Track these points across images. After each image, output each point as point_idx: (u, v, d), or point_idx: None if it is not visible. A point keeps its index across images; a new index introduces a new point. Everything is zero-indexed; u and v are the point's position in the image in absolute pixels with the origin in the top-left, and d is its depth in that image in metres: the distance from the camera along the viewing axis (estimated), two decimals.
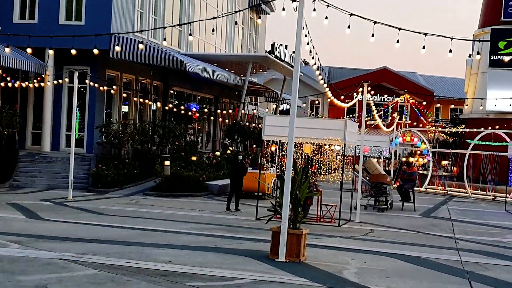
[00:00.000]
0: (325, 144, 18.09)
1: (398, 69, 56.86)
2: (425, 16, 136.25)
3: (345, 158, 17.71)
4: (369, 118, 31.60)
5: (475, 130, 33.01)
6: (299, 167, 12.30)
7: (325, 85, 18.28)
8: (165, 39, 14.99)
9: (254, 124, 35.56)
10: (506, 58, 32.44)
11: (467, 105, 41.74)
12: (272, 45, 33.06)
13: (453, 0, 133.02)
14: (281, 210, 11.16)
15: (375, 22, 13.42)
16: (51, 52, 24.81)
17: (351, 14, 13.45)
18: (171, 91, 32.67)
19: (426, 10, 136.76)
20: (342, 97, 24.63)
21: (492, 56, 37.50)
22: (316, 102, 56.24)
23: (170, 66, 26.19)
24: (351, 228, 16.32)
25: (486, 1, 40.69)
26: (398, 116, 38.94)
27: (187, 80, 32.24)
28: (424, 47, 13.81)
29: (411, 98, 41.71)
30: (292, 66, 32.40)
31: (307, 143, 17.22)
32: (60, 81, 24.91)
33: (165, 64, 26.02)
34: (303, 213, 12.09)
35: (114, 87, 26.97)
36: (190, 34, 17.97)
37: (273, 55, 32.68)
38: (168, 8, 30.86)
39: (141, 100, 29.51)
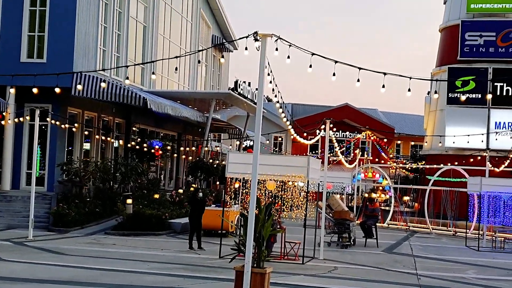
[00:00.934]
0: (288, 181, 18.16)
1: (360, 105, 57.78)
2: (386, 54, 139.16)
3: (308, 194, 17.79)
4: (331, 154, 31.91)
5: (435, 166, 33.55)
6: (263, 204, 12.32)
7: (288, 122, 18.46)
8: (127, 78, 14.96)
9: (217, 161, 35.56)
10: (463, 97, 33.22)
11: (426, 142, 42.46)
12: (236, 82, 33.30)
13: (412, 39, 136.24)
14: (244, 249, 11.13)
15: (336, 62, 13.66)
16: (12, 90, 24.54)
17: (313, 54, 13.67)
18: (134, 128, 32.53)
19: (386, 47, 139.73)
20: (305, 134, 24.85)
21: (449, 94, 38.34)
22: (280, 139, 56.58)
23: (133, 104, 26.13)
24: (315, 266, 16.33)
25: (443, 41, 41.77)
26: (360, 153, 39.38)
27: (150, 117, 32.17)
28: (383, 86, 14.07)
29: (372, 134, 42.32)
30: (255, 103, 32.64)
31: (271, 180, 17.28)
32: (21, 119, 24.61)
33: (127, 102, 25.94)
34: (267, 251, 12.08)
35: (76, 124, 26.76)
36: (153, 73, 18.04)
37: (237, 92, 32.90)
38: (131, 46, 30.91)
39: (103, 137, 29.30)
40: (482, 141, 35.28)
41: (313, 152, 47.85)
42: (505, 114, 37.92)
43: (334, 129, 26.02)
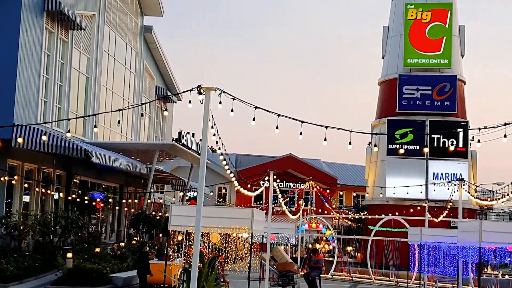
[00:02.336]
0: (232, 233, 18.11)
1: (303, 156, 58.40)
2: (329, 105, 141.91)
3: (252, 246, 17.77)
4: (275, 205, 32.02)
5: (376, 216, 34.09)
6: (206, 258, 12.26)
7: (232, 174, 18.52)
8: (69, 131, 14.86)
9: (160, 213, 35.17)
10: (401, 151, 34.13)
11: (367, 192, 43.17)
12: (179, 133, 33.28)
13: (353, 91, 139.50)
14: None
15: (278, 115, 13.92)
16: None
17: (256, 107, 13.89)
18: (75, 180, 31.98)
19: (329, 99, 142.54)
20: (249, 185, 24.93)
21: (389, 145, 39.30)
22: (224, 190, 56.49)
23: (74, 156, 25.78)
24: None
25: (382, 93, 42.99)
26: (304, 203, 39.66)
27: (92, 168, 31.73)
28: (325, 139, 14.38)
29: (316, 185, 42.76)
30: (199, 154, 32.65)
31: (214, 232, 17.20)
32: None
33: (68, 154, 25.58)
34: None
35: (16, 177, 26.16)
36: (95, 126, 17.94)
37: (180, 143, 32.85)
38: (73, 97, 30.65)
39: (43, 190, 28.68)
40: (421, 192, 36.15)
41: (257, 202, 47.88)
42: (442, 165, 39.05)
43: (278, 180, 26.17)
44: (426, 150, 35.82)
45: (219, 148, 16.91)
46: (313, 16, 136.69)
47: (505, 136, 14.26)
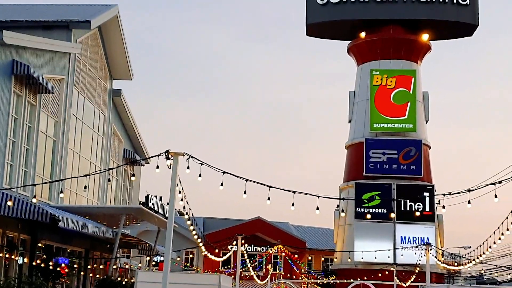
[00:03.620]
0: None
1: (272, 219, 58.20)
2: (297, 168, 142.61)
3: None
4: (243, 269, 31.74)
5: (345, 281, 33.94)
6: None
7: (199, 240, 18.43)
8: (34, 196, 14.69)
9: (126, 279, 34.53)
10: (368, 216, 34.39)
11: (336, 257, 43.06)
12: (147, 197, 33.11)
13: (322, 154, 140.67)
14: None
15: (246, 180, 14.02)
16: None
17: (224, 172, 13.97)
18: (40, 245, 31.35)
19: (298, 162, 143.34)
20: (217, 250, 24.74)
21: (357, 209, 39.51)
22: (191, 255, 55.81)
23: (40, 220, 25.36)
24: None
25: (349, 157, 43.49)
26: (272, 267, 39.35)
27: (57, 233, 31.18)
28: (293, 204, 14.49)
29: (284, 249, 42.56)
30: (166, 218, 32.37)
31: None
32: None
33: (34, 218, 25.15)
34: None
35: None
36: (61, 191, 17.77)
37: (147, 207, 32.61)
38: (40, 161, 30.38)
39: (7, 255, 28.01)
40: (389, 257, 36.21)
41: (225, 267, 47.35)
42: (410, 229, 39.29)
43: (246, 244, 26.05)
44: (393, 215, 36.12)
45: (187, 213, 16.89)
46: (281, 79, 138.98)
47: (469, 202, 14.52)
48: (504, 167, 41.66)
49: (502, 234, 16.48)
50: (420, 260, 26.23)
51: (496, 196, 13.93)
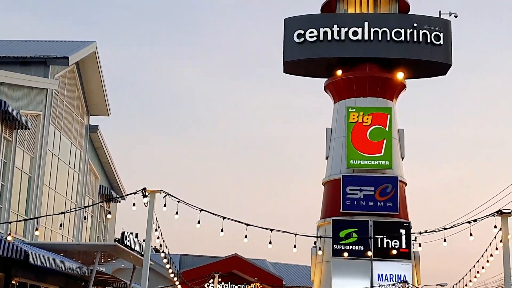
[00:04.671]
0: None
1: (249, 256, 57.87)
2: (275, 204, 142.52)
3: None
4: None
5: None
6: None
7: (175, 278, 18.28)
8: (9, 234, 14.52)
9: None
10: (345, 254, 34.38)
11: None
12: (122, 234, 32.84)
13: (299, 191, 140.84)
14: None
15: (224, 218, 14.03)
16: None
17: (201, 210, 13.98)
18: (14, 282, 30.80)
19: (274, 198, 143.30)
20: None
21: (334, 246, 39.43)
22: None
23: (13, 257, 24.98)
24: None
25: (326, 193, 43.57)
26: None
27: (31, 270, 30.68)
28: (270, 242, 14.50)
29: (261, 286, 42.28)
30: (142, 255, 32.04)
31: None
32: None
33: (7, 255, 24.77)
34: None
35: None
36: (37, 229, 17.59)
37: (123, 244, 32.32)
38: (15, 197, 30.03)
39: None
40: None
41: None
42: (387, 266, 39.25)
43: (223, 282, 25.88)
44: (370, 253, 36.15)
45: (163, 251, 16.80)
46: (258, 115, 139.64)
47: (444, 240, 14.66)
48: (479, 204, 42.13)
49: (478, 272, 16.61)
50: None
51: (471, 235, 14.09)
